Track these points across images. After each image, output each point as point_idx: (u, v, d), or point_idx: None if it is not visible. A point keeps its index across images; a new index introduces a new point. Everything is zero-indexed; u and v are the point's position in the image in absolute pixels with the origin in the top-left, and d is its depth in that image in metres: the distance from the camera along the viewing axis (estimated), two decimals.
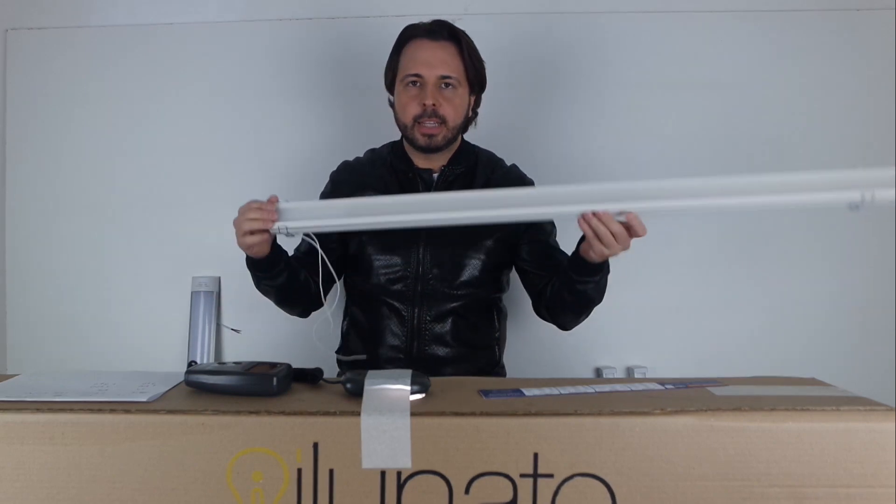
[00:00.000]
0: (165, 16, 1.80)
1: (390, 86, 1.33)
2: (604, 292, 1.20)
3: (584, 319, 1.27)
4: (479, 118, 1.41)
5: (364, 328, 1.31)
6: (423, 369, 1.24)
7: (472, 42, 1.29)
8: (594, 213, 0.98)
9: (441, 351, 1.27)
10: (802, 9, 1.75)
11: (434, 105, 1.23)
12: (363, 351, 1.30)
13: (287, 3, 1.79)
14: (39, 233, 1.82)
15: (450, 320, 1.27)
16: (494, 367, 1.36)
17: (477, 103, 1.36)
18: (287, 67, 1.80)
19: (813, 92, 1.76)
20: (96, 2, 1.81)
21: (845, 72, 1.76)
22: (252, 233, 1.07)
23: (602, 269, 1.12)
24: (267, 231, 1.07)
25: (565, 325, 1.30)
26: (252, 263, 1.17)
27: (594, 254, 1.04)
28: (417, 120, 1.25)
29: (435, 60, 1.23)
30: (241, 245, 1.11)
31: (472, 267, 1.27)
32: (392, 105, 1.34)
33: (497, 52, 1.77)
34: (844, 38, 1.75)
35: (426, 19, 1.33)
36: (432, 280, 1.26)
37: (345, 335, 1.38)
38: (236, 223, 1.09)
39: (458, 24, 1.32)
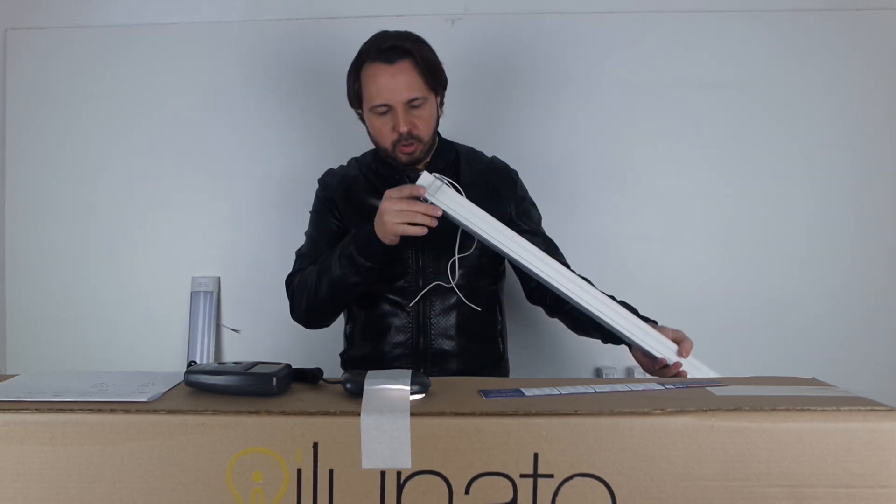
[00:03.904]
0: (165, 16, 1.81)
1: (356, 104, 1.34)
2: None
3: None
4: (480, 118, 1.42)
5: (369, 327, 1.32)
6: (429, 364, 1.27)
7: (424, 49, 1.28)
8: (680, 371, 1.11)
9: (447, 345, 1.29)
10: (802, 9, 1.75)
11: (409, 130, 1.25)
12: (370, 351, 1.31)
13: (287, 3, 1.80)
14: (39, 233, 1.82)
15: (454, 314, 1.29)
16: (500, 361, 1.37)
17: (441, 101, 1.36)
18: (288, 67, 1.80)
19: (813, 92, 1.76)
20: (96, 2, 1.82)
21: (845, 72, 1.76)
22: (413, 224, 1.11)
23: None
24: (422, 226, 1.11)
25: (556, 317, 1.36)
26: (373, 257, 1.18)
27: (641, 356, 1.15)
28: (395, 145, 1.27)
29: (397, 86, 1.23)
30: (392, 231, 1.12)
31: (471, 256, 1.27)
32: (362, 120, 1.35)
33: (497, 52, 1.78)
34: (844, 38, 1.76)
35: (425, 19, 1.33)
36: (433, 273, 1.27)
37: (349, 336, 1.39)
38: (393, 211, 1.10)
39: (458, 24, 1.33)
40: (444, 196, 1.11)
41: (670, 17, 1.77)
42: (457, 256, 1.20)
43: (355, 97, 1.33)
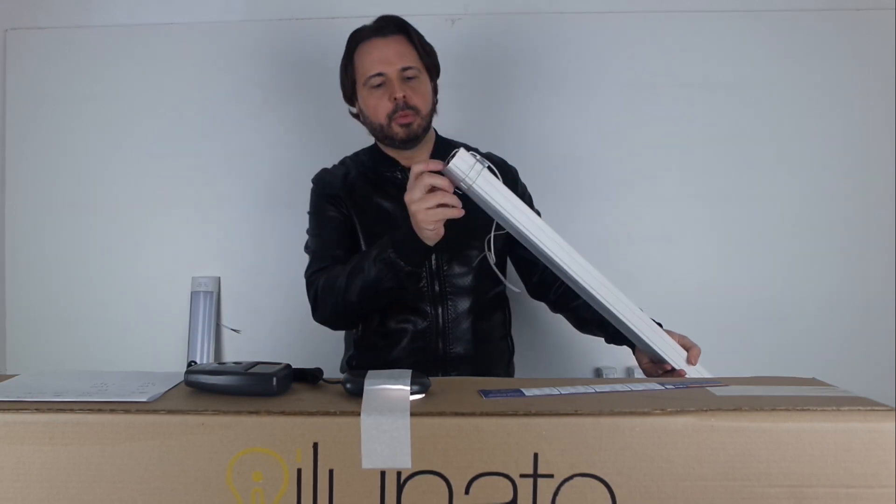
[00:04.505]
0: (165, 16, 1.81)
1: (350, 97, 1.32)
2: None
3: None
4: (480, 118, 1.41)
5: (383, 333, 1.28)
6: (448, 368, 1.25)
7: (418, 31, 1.29)
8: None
9: (465, 348, 1.26)
10: (802, 9, 1.76)
11: (404, 97, 1.23)
12: (384, 357, 1.27)
13: (287, 3, 1.80)
14: (39, 233, 1.82)
15: (471, 317, 1.27)
16: (510, 360, 1.38)
17: (435, 91, 1.34)
18: (288, 67, 1.80)
19: (813, 92, 1.76)
20: (96, 2, 1.82)
21: (845, 72, 1.76)
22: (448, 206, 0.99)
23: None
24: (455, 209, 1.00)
25: (560, 313, 1.35)
26: (415, 260, 1.09)
27: (646, 362, 1.14)
28: (391, 116, 1.24)
29: (392, 55, 1.23)
30: (430, 223, 1.01)
31: (484, 258, 1.24)
32: (356, 116, 1.34)
33: (497, 52, 1.78)
34: (844, 38, 1.76)
35: (425, 19, 1.33)
36: (449, 275, 1.26)
37: (358, 342, 1.33)
38: (419, 200, 0.99)
39: (458, 24, 1.32)
40: (485, 182, 0.96)
41: (670, 17, 1.77)
42: (493, 233, 1.07)
43: (350, 86, 1.30)
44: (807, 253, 1.77)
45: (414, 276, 1.13)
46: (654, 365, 1.12)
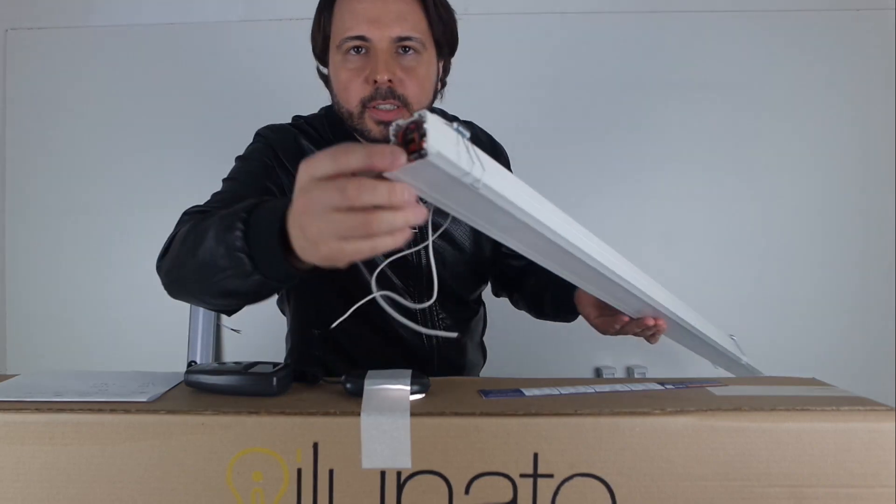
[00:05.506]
0: (165, 16, 1.81)
1: (321, 54, 0.97)
2: None
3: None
4: (478, 119, 1.38)
5: (361, 360, 1.03)
6: None
7: None
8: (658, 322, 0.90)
9: (453, 365, 1.07)
10: (802, 9, 1.76)
11: (390, 81, 0.87)
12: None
13: (287, 3, 1.80)
14: (39, 233, 1.82)
15: (465, 342, 1.08)
16: (482, 367, 1.24)
17: (446, 70, 1.00)
18: (288, 67, 1.80)
19: (813, 92, 1.76)
20: (96, 2, 1.82)
21: (845, 72, 1.76)
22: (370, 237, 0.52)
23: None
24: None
25: (521, 307, 1.24)
26: (273, 272, 0.63)
27: (595, 315, 0.92)
28: (366, 103, 0.89)
29: (387, 15, 0.86)
30: (324, 255, 0.54)
31: (464, 260, 1.10)
32: (325, 80, 0.99)
33: (496, 52, 1.78)
34: (844, 38, 1.76)
35: None
36: (451, 287, 1.04)
37: (327, 360, 1.06)
38: (322, 211, 0.51)
39: (458, 24, 1.23)
40: (494, 177, 0.53)
41: (670, 17, 1.77)
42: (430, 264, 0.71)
43: (321, 42, 0.95)
44: (807, 252, 1.77)
45: (271, 289, 0.69)
46: (607, 318, 0.90)
